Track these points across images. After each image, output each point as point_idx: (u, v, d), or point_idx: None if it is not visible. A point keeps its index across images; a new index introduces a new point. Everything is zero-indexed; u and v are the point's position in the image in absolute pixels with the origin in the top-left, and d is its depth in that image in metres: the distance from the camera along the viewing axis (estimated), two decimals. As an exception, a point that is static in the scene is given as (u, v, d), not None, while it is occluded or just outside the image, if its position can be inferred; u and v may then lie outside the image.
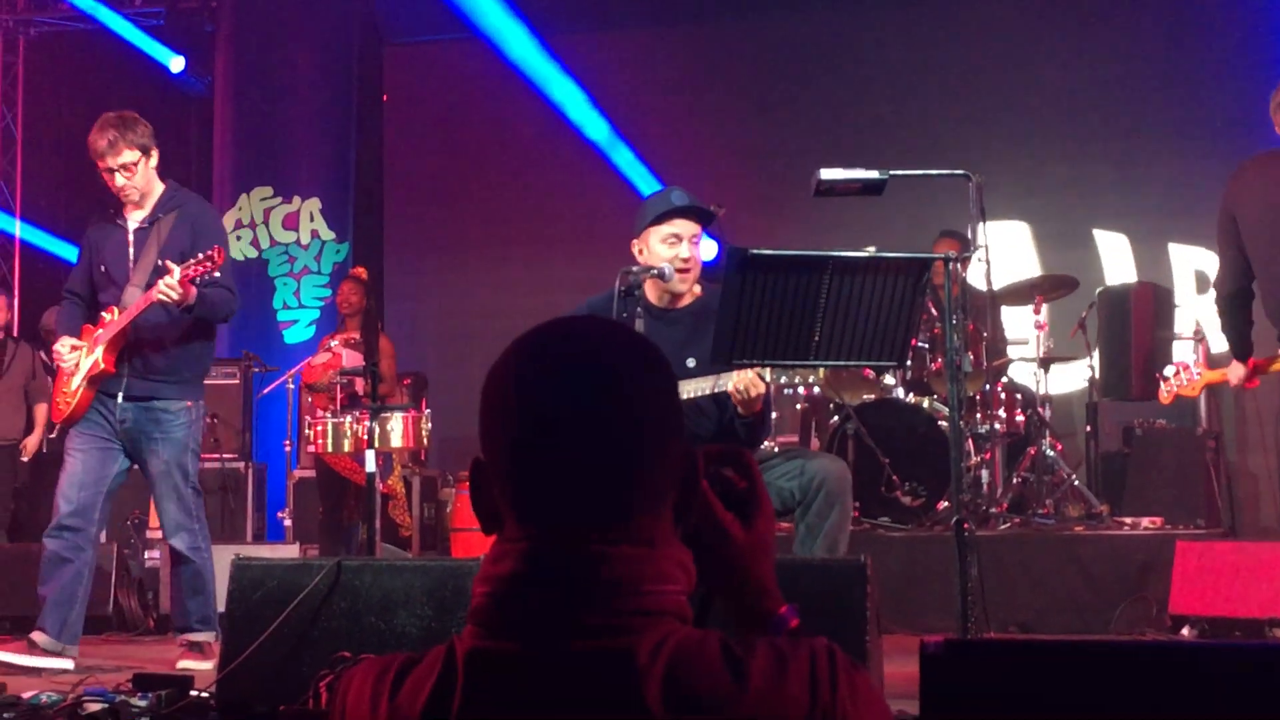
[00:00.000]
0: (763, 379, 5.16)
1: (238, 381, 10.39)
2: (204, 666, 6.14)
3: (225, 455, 10.12)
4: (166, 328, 6.34)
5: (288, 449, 10.40)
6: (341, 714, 1.67)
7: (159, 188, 6.51)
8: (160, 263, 6.19)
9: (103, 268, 6.49)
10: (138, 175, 6.37)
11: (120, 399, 6.35)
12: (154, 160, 6.43)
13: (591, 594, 1.59)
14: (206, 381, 6.66)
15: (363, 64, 13.16)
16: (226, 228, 12.62)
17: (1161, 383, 7.15)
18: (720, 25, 12.40)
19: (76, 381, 6.34)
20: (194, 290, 6.13)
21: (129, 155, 6.31)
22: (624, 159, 12.10)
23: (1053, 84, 11.72)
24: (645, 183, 11.89)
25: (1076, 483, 8.81)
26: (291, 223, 12.77)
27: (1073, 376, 10.18)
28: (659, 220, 5.53)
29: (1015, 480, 8.86)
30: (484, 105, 12.70)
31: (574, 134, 12.18)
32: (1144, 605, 7.41)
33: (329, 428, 8.66)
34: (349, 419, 8.59)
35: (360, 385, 9.12)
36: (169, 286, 6.03)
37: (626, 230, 5.68)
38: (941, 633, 5.42)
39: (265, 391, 10.73)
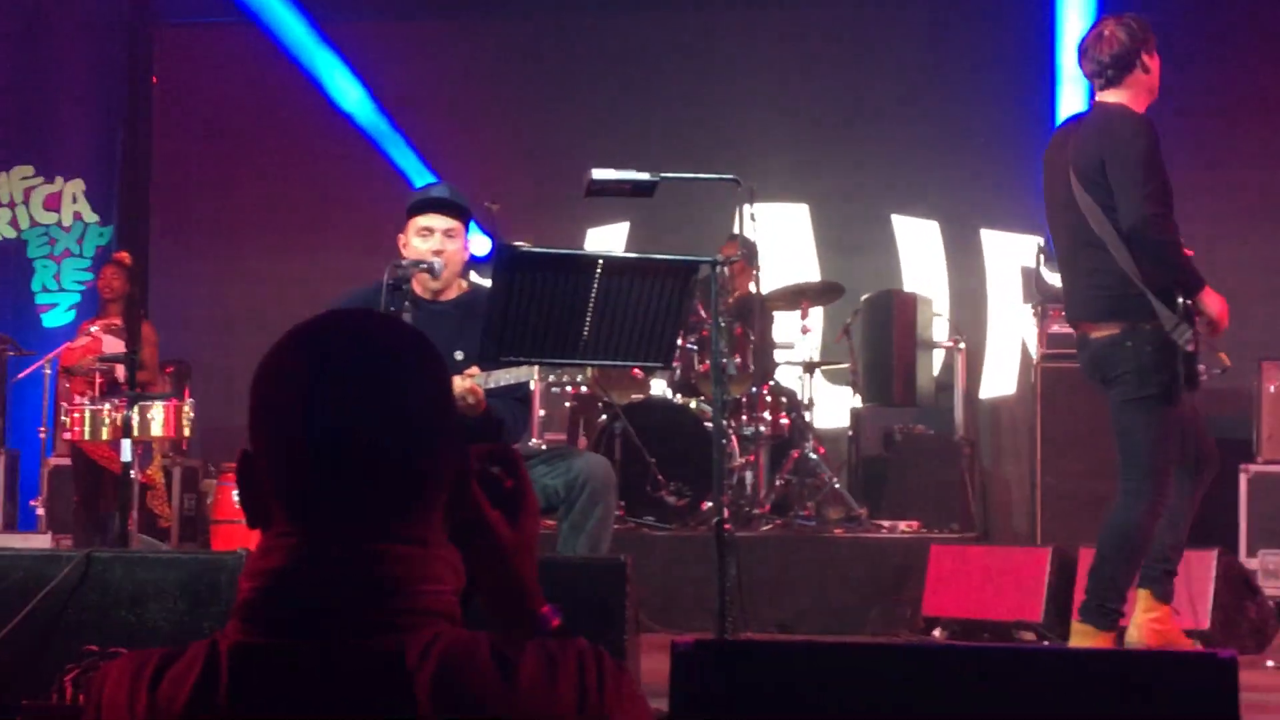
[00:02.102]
0: (482, 386, 5.15)
1: (-9, 366, 10.07)
2: None
3: (-24, 441, 9.80)
4: None
5: (43, 436, 10.12)
6: (97, 710, 1.61)
7: None
8: None
9: None
10: None
11: None
12: None
13: (363, 592, 1.57)
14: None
15: (132, 43, 12.84)
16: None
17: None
18: (497, 20, 12.35)
19: None
20: None
21: None
22: (400, 151, 11.99)
23: (836, 65, 11.83)
24: (421, 176, 11.80)
25: (837, 486, 8.97)
26: (53, 204, 12.42)
27: (837, 381, 10.35)
28: (414, 212, 5.53)
29: (778, 482, 8.99)
30: (258, 92, 12.48)
31: (349, 124, 12.03)
32: (899, 607, 7.58)
33: (86, 415, 8.45)
34: (107, 406, 8.39)
35: (120, 372, 8.93)
36: None
37: (401, 222, 5.65)
38: (703, 632, 5.49)
39: (20, 376, 10.41)
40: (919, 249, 11.72)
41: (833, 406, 10.24)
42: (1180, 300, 5.45)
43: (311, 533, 1.60)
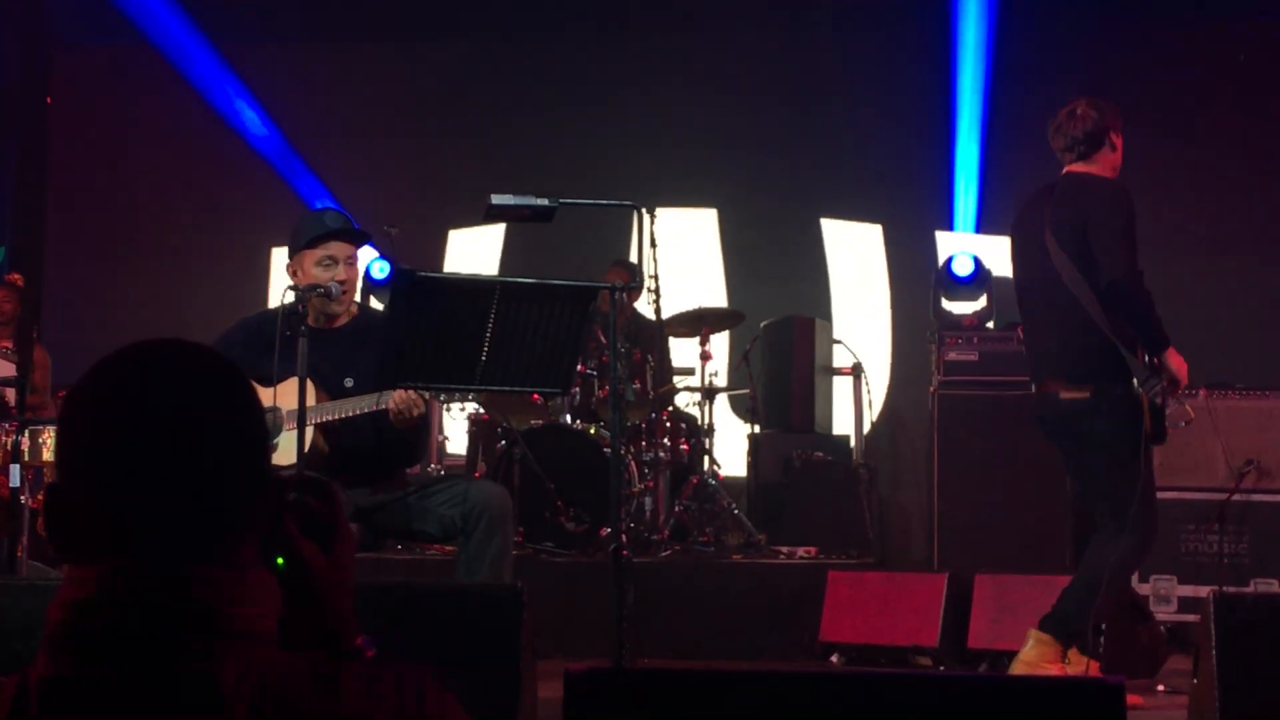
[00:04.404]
0: (424, 399, 5.17)
1: (-122, 388, 9.85)
2: None
3: None
4: None
5: (-71, 460, 9.94)
6: None
7: None
8: None
9: None
10: None
11: None
12: None
13: (174, 618, 1.56)
14: None
15: (28, 64, 12.69)
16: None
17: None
18: (399, 44, 12.32)
19: None
20: None
21: None
22: (299, 175, 11.93)
23: (746, 74, 11.85)
24: (321, 199, 11.75)
25: (736, 511, 8.99)
26: (-57, 225, 12.25)
27: (738, 407, 10.39)
28: (313, 243, 5.50)
29: (677, 508, 9.00)
30: (156, 113, 12.37)
31: (248, 147, 11.96)
32: (796, 632, 7.60)
33: (-25, 439, 8.31)
34: (-3, 431, 8.25)
35: (11, 396, 8.79)
36: None
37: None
38: (601, 659, 5.48)
39: (-93, 399, 10.22)
40: (856, 255, 11.68)
41: (732, 432, 10.26)
42: (1148, 357, 5.66)
43: (121, 561, 1.59)
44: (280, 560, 1.73)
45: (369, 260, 10.38)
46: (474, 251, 11.92)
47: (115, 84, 12.65)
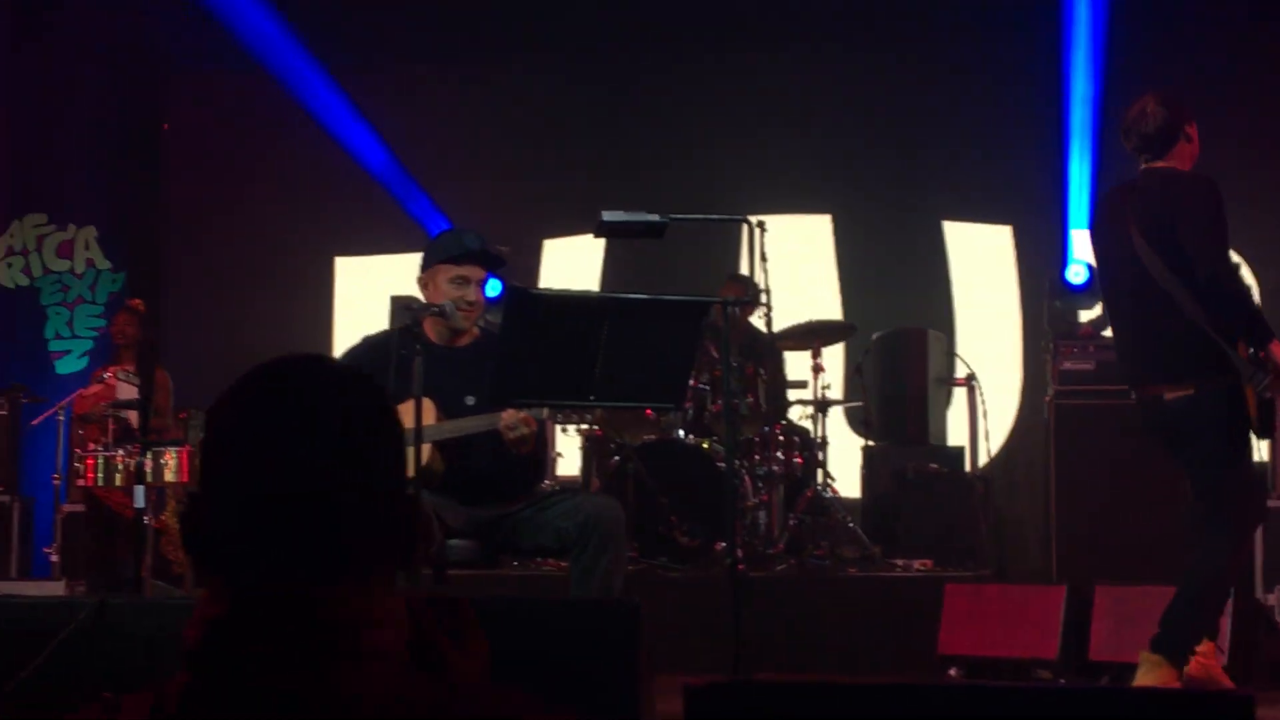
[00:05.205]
0: (536, 418, 5.18)
1: (5, 413, 10.08)
2: None
3: (-10, 489, 9.82)
4: None
5: (56, 483, 10.12)
6: None
7: None
8: None
9: None
10: None
11: None
12: None
13: (306, 636, 1.58)
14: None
15: (143, 91, 12.90)
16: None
17: None
18: (504, 62, 12.36)
19: None
20: None
21: None
22: (409, 194, 12.01)
23: (857, 77, 11.76)
24: (430, 218, 11.82)
25: (851, 525, 8.94)
26: (66, 251, 12.45)
27: (852, 420, 10.33)
28: (450, 261, 5.54)
29: (792, 522, 8.96)
30: (267, 136, 12.53)
31: (358, 168, 12.06)
32: (914, 646, 7.55)
33: (100, 461, 8.46)
34: (121, 452, 8.40)
35: (134, 418, 8.93)
36: None
37: (409, 266, 5.69)
38: (717, 673, 5.48)
39: (35, 423, 10.42)
40: (983, 258, 11.48)
41: (846, 445, 10.20)
42: (1251, 350, 5.57)
43: (256, 580, 1.60)
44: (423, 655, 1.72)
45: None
46: (571, 261, 11.91)
47: (228, 108, 12.83)
